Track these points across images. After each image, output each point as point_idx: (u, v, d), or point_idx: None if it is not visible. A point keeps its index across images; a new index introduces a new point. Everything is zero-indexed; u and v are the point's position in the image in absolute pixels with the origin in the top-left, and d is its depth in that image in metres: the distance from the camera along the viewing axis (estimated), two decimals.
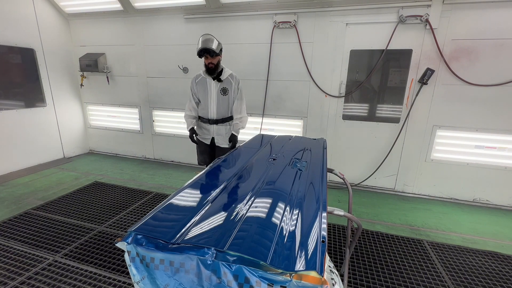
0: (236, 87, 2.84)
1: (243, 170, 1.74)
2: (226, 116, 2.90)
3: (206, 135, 2.96)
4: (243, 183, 1.55)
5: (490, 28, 3.13)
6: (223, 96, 2.81)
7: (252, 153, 2.12)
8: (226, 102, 2.84)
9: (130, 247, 1.01)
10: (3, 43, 4.05)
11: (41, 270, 2.19)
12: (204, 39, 2.55)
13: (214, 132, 2.92)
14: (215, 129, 2.91)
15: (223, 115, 2.88)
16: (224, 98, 2.82)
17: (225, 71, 2.81)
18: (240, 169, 1.75)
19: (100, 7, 4.49)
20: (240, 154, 2.14)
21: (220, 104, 2.83)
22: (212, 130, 2.91)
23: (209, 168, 1.78)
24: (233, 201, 1.31)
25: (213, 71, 2.68)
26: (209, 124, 2.90)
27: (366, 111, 3.86)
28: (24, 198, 3.48)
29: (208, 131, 2.93)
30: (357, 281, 2.18)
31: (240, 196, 1.37)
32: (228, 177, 1.60)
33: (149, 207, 3.27)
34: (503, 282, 2.20)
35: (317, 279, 0.84)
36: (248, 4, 3.81)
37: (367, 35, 3.56)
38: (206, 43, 2.52)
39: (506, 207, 3.53)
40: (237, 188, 1.48)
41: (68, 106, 5.11)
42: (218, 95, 2.80)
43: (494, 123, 3.36)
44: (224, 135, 2.94)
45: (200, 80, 2.82)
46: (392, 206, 3.55)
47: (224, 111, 2.87)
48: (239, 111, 2.90)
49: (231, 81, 2.82)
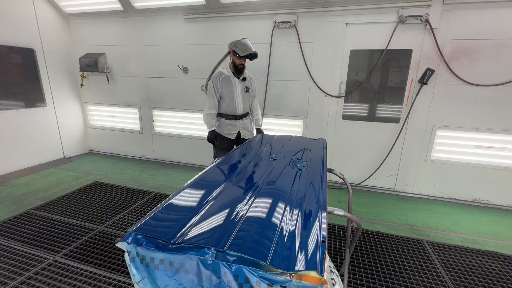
0: (254, 86, 3.21)
1: (243, 170, 1.74)
2: (247, 111, 3.22)
3: (232, 130, 3.14)
4: (243, 183, 1.55)
5: (490, 28, 3.13)
6: (246, 94, 3.09)
7: (252, 153, 2.12)
8: (247, 99, 3.14)
9: (130, 247, 1.01)
10: (3, 43, 4.05)
11: (41, 270, 2.19)
12: (247, 43, 2.84)
13: (240, 126, 3.16)
14: (241, 123, 3.16)
15: (246, 110, 3.19)
16: (247, 96, 3.11)
17: (245, 71, 3.06)
18: (240, 169, 1.75)
19: (100, 7, 4.49)
20: (240, 154, 2.14)
21: (245, 101, 3.11)
22: (238, 124, 3.14)
23: (209, 168, 1.78)
24: (233, 201, 1.31)
25: (242, 71, 2.96)
26: (235, 120, 3.11)
27: (366, 111, 3.86)
28: (24, 198, 3.48)
29: (235, 127, 3.13)
30: (357, 281, 2.18)
31: (240, 196, 1.37)
32: (228, 177, 1.60)
33: (149, 207, 3.27)
34: (503, 282, 2.20)
35: (317, 279, 0.84)
36: (248, 4, 3.81)
37: (367, 35, 3.56)
38: (251, 47, 2.83)
39: (506, 207, 3.53)
40: (237, 188, 1.47)
41: (68, 106, 5.11)
42: (242, 93, 3.06)
43: (494, 123, 3.36)
44: (248, 127, 3.25)
45: (225, 79, 2.97)
46: (392, 206, 3.55)
47: (247, 107, 3.18)
48: (257, 108, 3.33)
49: (250, 81, 3.15)
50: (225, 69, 2.99)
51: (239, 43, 2.83)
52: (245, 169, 1.76)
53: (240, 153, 2.18)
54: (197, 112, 4.60)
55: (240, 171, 1.71)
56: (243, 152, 2.19)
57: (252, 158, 1.99)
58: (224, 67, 3.03)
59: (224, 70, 2.99)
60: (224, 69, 3.00)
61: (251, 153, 2.14)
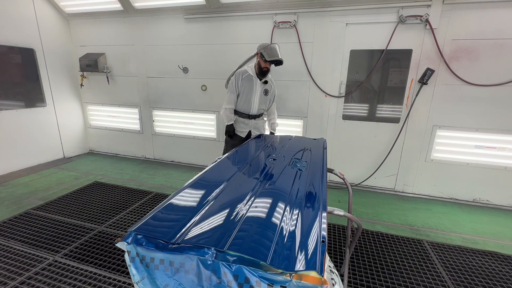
0: (274, 90, 3.23)
1: (243, 170, 1.74)
2: (262, 112, 3.27)
3: (243, 128, 3.20)
4: (243, 183, 1.55)
5: (490, 28, 3.13)
6: (265, 96, 3.13)
7: (252, 153, 2.12)
8: (264, 102, 3.17)
9: (130, 247, 1.01)
10: (3, 43, 4.05)
11: (41, 270, 2.19)
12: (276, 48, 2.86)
13: (252, 126, 3.22)
14: (253, 123, 3.20)
15: (261, 111, 3.23)
16: (265, 98, 3.15)
17: (268, 75, 3.09)
18: (240, 169, 1.75)
19: (100, 7, 4.49)
20: (240, 154, 2.14)
21: (262, 103, 3.15)
22: (250, 124, 3.20)
23: (209, 168, 1.78)
24: (233, 201, 1.31)
25: (266, 74, 2.99)
26: (248, 119, 3.17)
27: (366, 111, 3.86)
28: (24, 198, 3.48)
29: (246, 125, 3.20)
30: (357, 281, 2.18)
31: (240, 196, 1.37)
32: (228, 177, 1.60)
33: (149, 207, 3.27)
34: (503, 282, 2.20)
35: (317, 279, 0.84)
36: (248, 4, 3.81)
37: (367, 35, 3.56)
38: (279, 54, 2.86)
39: (506, 207, 3.53)
40: (237, 188, 1.47)
41: (68, 106, 5.11)
42: (261, 95, 3.10)
43: (494, 123, 3.36)
44: (260, 128, 3.30)
45: (247, 77, 3.02)
46: (392, 206, 3.55)
47: (262, 109, 3.22)
48: (274, 112, 3.39)
49: (271, 85, 3.17)
50: (249, 69, 3.04)
51: (268, 47, 2.87)
52: (245, 169, 1.76)
53: (240, 153, 2.18)
54: (197, 112, 4.60)
55: (240, 171, 1.71)
56: (243, 152, 2.19)
57: (252, 158, 1.99)
58: (249, 66, 3.08)
59: (248, 69, 3.04)
60: (249, 68, 3.05)
61: (251, 153, 2.14)
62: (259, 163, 1.89)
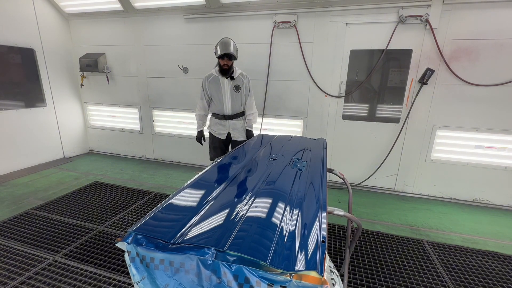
0: (247, 85, 3.08)
1: (243, 170, 1.74)
2: (239, 111, 3.13)
3: (222, 130, 3.15)
4: (243, 183, 1.55)
5: (490, 28, 3.13)
6: (236, 93, 3.02)
7: (252, 153, 2.12)
8: (239, 99, 3.06)
9: (130, 247, 1.01)
10: (3, 43, 4.05)
11: (41, 270, 2.19)
12: (225, 42, 2.78)
13: (230, 127, 3.14)
14: (230, 124, 3.12)
15: (237, 110, 3.11)
16: (237, 95, 3.03)
17: (236, 70, 3.02)
18: (240, 169, 1.75)
19: (100, 7, 4.49)
20: (240, 154, 2.14)
21: (234, 100, 3.05)
22: (228, 125, 3.13)
23: (209, 168, 1.78)
24: (233, 201, 1.31)
25: (227, 71, 2.91)
26: (224, 120, 3.10)
27: (366, 111, 3.86)
28: (24, 198, 3.48)
29: (224, 127, 3.13)
30: (357, 281, 2.18)
31: (240, 196, 1.37)
32: (228, 177, 1.60)
33: (149, 207, 3.27)
34: (503, 282, 2.20)
35: (317, 279, 0.84)
36: (248, 4, 3.81)
37: (367, 35, 3.56)
38: (227, 47, 2.76)
39: (506, 207, 3.53)
40: (237, 188, 1.48)
41: (68, 106, 5.11)
42: (231, 92, 3.01)
43: (494, 123, 3.36)
44: (239, 129, 3.18)
45: (213, 79, 3.00)
46: (392, 206, 3.55)
47: (238, 107, 3.09)
48: (251, 107, 3.17)
49: (242, 79, 3.05)
50: (214, 70, 3.02)
51: (218, 43, 2.83)
52: (245, 169, 1.76)
53: (240, 153, 2.18)
54: None
55: (240, 171, 1.71)
56: (243, 152, 2.19)
57: (252, 158, 1.99)
58: (214, 68, 3.05)
59: (213, 71, 3.02)
60: (214, 70, 3.02)
61: (251, 153, 2.14)
62: (259, 163, 1.89)
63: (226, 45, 2.78)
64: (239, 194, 1.39)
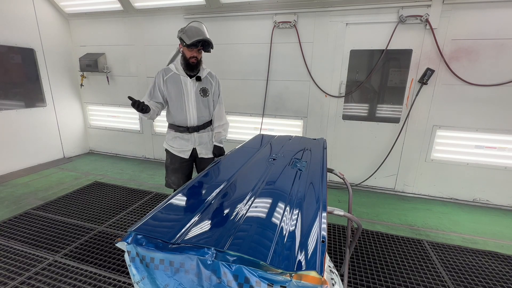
0: (216, 88, 2.39)
1: (243, 170, 1.74)
2: (207, 120, 2.40)
3: (185, 146, 2.35)
4: (243, 183, 1.55)
5: (490, 28, 3.13)
6: (203, 98, 2.30)
7: (252, 153, 2.12)
8: (206, 105, 2.34)
9: (130, 247, 1.01)
10: (3, 43, 4.05)
11: (41, 270, 2.19)
12: (198, 27, 2.11)
13: (196, 141, 2.36)
14: (196, 137, 2.36)
15: (204, 120, 2.37)
16: (204, 100, 2.31)
17: (203, 68, 2.33)
18: (240, 169, 1.75)
19: (100, 7, 4.49)
20: (240, 154, 2.14)
21: (201, 108, 2.31)
22: (193, 139, 2.35)
23: (209, 168, 1.78)
24: (233, 201, 1.31)
25: (195, 67, 2.21)
26: (188, 133, 2.32)
27: (366, 111, 3.86)
28: (24, 198, 3.48)
29: (188, 141, 2.35)
30: (357, 281, 2.18)
31: (240, 196, 1.37)
32: (228, 177, 1.60)
33: (149, 207, 3.27)
34: (503, 282, 2.20)
35: (317, 279, 0.84)
36: (248, 4, 3.81)
37: (367, 35, 3.56)
38: (203, 33, 2.09)
39: (506, 207, 3.53)
40: (237, 188, 1.48)
41: (68, 106, 5.11)
42: (197, 97, 2.27)
43: (494, 123, 3.36)
44: (207, 143, 2.43)
45: (172, 77, 2.24)
46: (392, 206, 3.55)
47: (205, 116, 2.37)
48: (221, 117, 2.44)
49: (211, 81, 2.36)
50: (174, 65, 2.27)
51: (188, 27, 2.10)
52: (245, 169, 1.76)
53: (240, 153, 2.18)
54: None
55: (240, 171, 1.71)
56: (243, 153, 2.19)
57: (252, 158, 1.99)
58: (174, 63, 2.31)
59: (172, 67, 2.27)
60: (173, 65, 2.28)
61: (251, 153, 2.14)
62: (259, 163, 1.89)
63: (200, 30, 2.09)
64: (239, 194, 1.39)
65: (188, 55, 2.15)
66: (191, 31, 2.07)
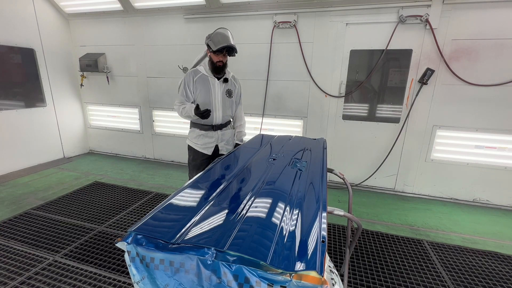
0: (239, 90, 2.64)
1: (243, 170, 1.74)
2: (229, 119, 2.65)
3: (208, 143, 2.54)
4: (243, 183, 1.55)
5: (490, 28, 3.13)
6: (228, 99, 2.51)
7: (252, 153, 2.12)
8: (230, 105, 2.56)
9: (130, 247, 1.01)
10: (3, 43, 4.05)
11: (41, 270, 2.19)
12: (224, 33, 2.29)
13: (219, 138, 2.57)
14: (220, 135, 2.56)
15: (227, 119, 2.61)
16: (229, 101, 2.52)
17: (228, 71, 2.53)
18: (240, 169, 1.75)
19: (100, 7, 4.49)
20: (240, 154, 2.14)
21: (226, 107, 2.52)
22: (216, 136, 2.55)
23: (209, 168, 1.78)
24: (233, 201, 1.31)
25: (221, 69, 2.40)
26: (212, 131, 2.52)
27: (366, 111, 3.86)
28: (24, 198, 3.48)
29: (212, 138, 2.54)
30: (357, 281, 2.18)
31: (240, 196, 1.37)
32: (228, 177, 1.60)
33: (149, 207, 3.27)
34: (503, 282, 2.20)
35: (317, 279, 0.84)
36: (248, 4, 3.81)
37: (367, 35, 3.56)
38: (228, 39, 2.26)
39: (506, 207, 3.53)
40: (237, 188, 1.47)
41: (68, 106, 5.11)
42: (223, 97, 2.48)
43: (494, 123, 3.36)
44: (229, 140, 2.65)
45: (201, 79, 2.42)
46: (392, 206, 3.55)
47: (229, 115, 2.60)
48: (241, 117, 2.72)
49: (235, 83, 2.60)
50: (202, 67, 2.47)
51: (214, 33, 2.29)
52: (245, 169, 1.76)
53: (240, 153, 2.18)
54: None
55: (240, 171, 1.71)
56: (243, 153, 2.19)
57: (252, 158, 1.99)
58: (201, 65, 2.53)
59: (201, 68, 2.46)
60: (201, 67, 2.48)
61: (251, 153, 2.14)
62: (259, 163, 1.89)
63: (226, 36, 2.27)
64: (239, 194, 1.39)
65: (215, 59, 2.35)
66: (217, 38, 2.27)
